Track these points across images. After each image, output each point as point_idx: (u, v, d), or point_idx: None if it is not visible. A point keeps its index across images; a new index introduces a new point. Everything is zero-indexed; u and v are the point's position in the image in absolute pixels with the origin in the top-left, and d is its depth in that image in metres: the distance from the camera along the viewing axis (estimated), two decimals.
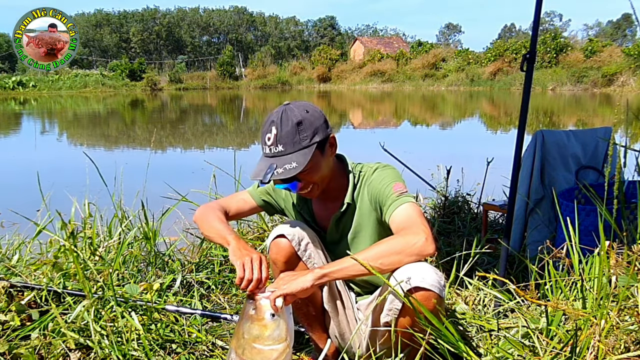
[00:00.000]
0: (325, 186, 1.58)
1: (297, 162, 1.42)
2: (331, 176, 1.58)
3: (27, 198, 3.02)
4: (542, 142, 2.52)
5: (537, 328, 1.49)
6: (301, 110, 1.46)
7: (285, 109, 1.47)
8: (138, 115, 18.85)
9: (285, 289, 1.34)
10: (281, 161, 1.43)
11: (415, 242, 1.35)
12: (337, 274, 1.36)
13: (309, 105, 1.51)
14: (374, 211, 1.57)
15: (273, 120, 1.45)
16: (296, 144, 1.44)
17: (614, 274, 1.36)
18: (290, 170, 1.41)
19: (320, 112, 1.51)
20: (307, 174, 1.48)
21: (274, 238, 1.64)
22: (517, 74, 26.20)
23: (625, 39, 51.93)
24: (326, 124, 1.51)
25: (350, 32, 64.12)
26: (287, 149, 1.44)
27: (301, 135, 1.44)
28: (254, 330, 1.33)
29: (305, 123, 1.45)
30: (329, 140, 1.52)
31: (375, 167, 1.59)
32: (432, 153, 8.11)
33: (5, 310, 1.82)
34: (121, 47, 58.07)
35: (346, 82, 33.43)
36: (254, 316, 1.33)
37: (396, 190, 1.48)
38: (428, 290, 1.37)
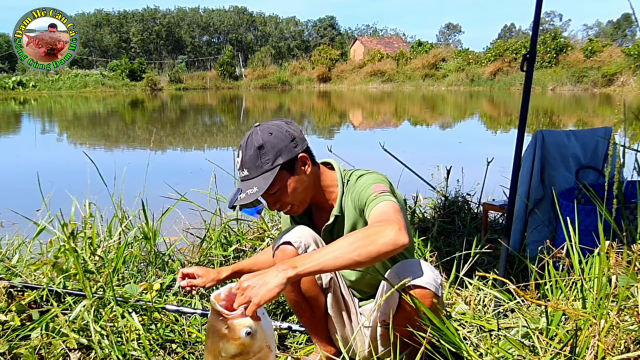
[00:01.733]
0: (312, 200, 1.60)
1: (258, 186, 1.45)
2: (316, 190, 1.59)
3: (27, 198, 3.02)
4: (542, 142, 2.52)
5: (537, 328, 1.49)
6: (265, 134, 1.48)
7: (252, 133, 1.50)
8: (138, 115, 18.85)
9: (258, 299, 1.17)
10: (245, 185, 1.47)
11: (388, 231, 1.26)
12: (310, 269, 1.22)
13: (275, 127, 1.50)
14: (360, 218, 1.55)
15: (241, 145, 1.50)
16: (258, 168, 1.47)
17: (614, 274, 1.36)
18: (251, 195, 1.44)
19: (286, 132, 1.50)
20: (277, 195, 1.52)
21: (279, 244, 1.60)
22: (517, 74, 26.21)
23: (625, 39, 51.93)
24: (294, 143, 1.50)
25: (350, 32, 64.14)
26: (251, 173, 1.48)
27: (263, 159, 1.47)
28: (231, 349, 1.22)
29: (266, 147, 1.47)
30: (298, 160, 1.51)
31: (360, 174, 1.57)
32: (432, 153, 8.12)
33: (5, 310, 1.82)
34: (121, 47, 58.06)
35: (346, 82, 33.42)
36: (229, 335, 1.20)
37: (375, 190, 1.45)
38: (423, 288, 1.38)
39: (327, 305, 1.69)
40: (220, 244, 2.72)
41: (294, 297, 1.67)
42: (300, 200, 1.56)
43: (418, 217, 3.28)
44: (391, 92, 28.18)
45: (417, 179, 3.54)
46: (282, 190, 1.51)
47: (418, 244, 2.70)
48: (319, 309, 1.70)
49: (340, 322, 1.72)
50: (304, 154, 1.53)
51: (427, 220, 3.27)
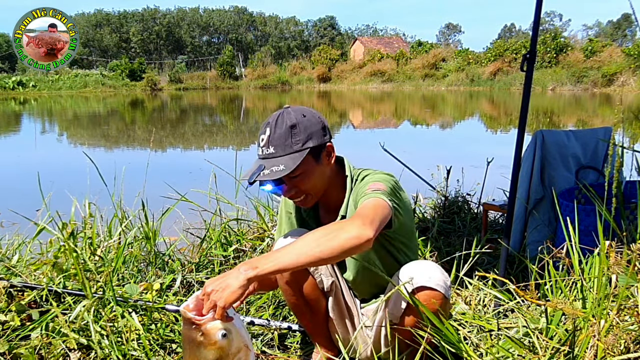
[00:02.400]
0: (323, 196, 1.56)
1: (285, 165, 1.40)
2: (329, 186, 1.55)
3: (27, 198, 3.02)
4: (542, 142, 2.52)
5: (536, 328, 1.49)
6: (298, 114, 1.45)
7: (283, 112, 1.46)
8: (138, 115, 18.85)
9: (223, 302, 1.16)
10: (270, 163, 1.41)
11: (352, 226, 1.23)
12: (271, 268, 1.19)
13: (308, 110, 1.48)
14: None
15: (269, 122, 1.45)
16: (287, 147, 1.42)
17: (613, 272, 1.36)
18: (277, 172, 1.39)
19: (319, 118, 1.48)
20: (297, 180, 1.46)
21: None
22: (517, 74, 26.20)
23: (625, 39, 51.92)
24: (324, 131, 1.48)
25: (350, 32, 64.16)
26: (278, 152, 1.42)
27: (293, 139, 1.42)
28: (210, 355, 1.23)
29: (299, 127, 1.43)
30: (325, 148, 1.49)
31: (366, 174, 1.54)
32: (432, 153, 8.12)
33: (5, 310, 1.82)
34: (121, 47, 58.06)
35: (346, 82, 33.42)
36: (205, 341, 1.21)
37: (370, 188, 1.42)
38: (433, 289, 1.38)
39: (327, 308, 1.68)
40: (220, 244, 2.72)
41: (294, 300, 1.65)
42: (315, 191, 1.52)
43: (418, 217, 3.28)
44: (391, 92, 28.18)
45: (417, 179, 3.54)
46: (303, 175, 1.46)
47: (418, 244, 2.70)
48: (320, 312, 1.69)
49: (341, 324, 1.71)
50: (331, 144, 1.51)
51: (427, 220, 3.27)
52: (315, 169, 1.47)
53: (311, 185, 1.49)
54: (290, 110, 1.46)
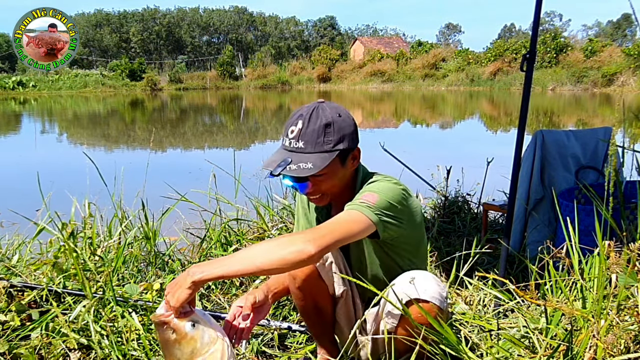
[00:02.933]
0: (338, 196, 1.51)
1: (314, 164, 1.35)
2: (344, 188, 1.51)
3: (27, 198, 3.02)
4: (542, 142, 2.52)
5: (536, 328, 1.49)
6: (333, 113, 1.39)
7: (318, 106, 1.40)
8: (138, 115, 18.85)
9: (174, 302, 1.24)
10: (297, 158, 1.36)
11: (299, 240, 1.23)
12: (216, 274, 1.22)
13: (343, 110, 1.44)
14: None
15: (302, 114, 1.39)
16: (318, 145, 1.36)
17: (613, 272, 1.36)
18: (304, 170, 1.34)
19: (352, 120, 1.44)
20: (319, 180, 1.42)
21: None
22: (517, 74, 26.20)
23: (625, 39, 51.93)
24: (355, 135, 1.44)
25: (350, 32, 64.17)
26: (308, 148, 1.36)
27: (326, 137, 1.37)
28: (186, 348, 1.29)
29: (334, 126, 1.38)
30: (353, 152, 1.45)
31: (373, 180, 1.48)
32: (432, 153, 8.12)
33: (5, 310, 1.82)
34: (121, 47, 58.06)
35: (346, 82, 33.42)
36: (177, 337, 1.28)
37: (362, 198, 1.38)
38: (428, 302, 1.36)
39: (335, 312, 1.67)
40: (220, 244, 2.72)
41: (304, 304, 1.64)
42: (333, 193, 1.48)
43: None
44: (391, 92, 28.18)
45: (417, 179, 3.54)
46: (327, 176, 1.41)
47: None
48: (327, 316, 1.67)
49: (347, 329, 1.68)
50: (359, 149, 1.47)
51: (427, 220, 3.27)
52: (339, 171, 1.43)
53: (331, 186, 1.45)
54: (325, 106, 1.41)
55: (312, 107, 1.39)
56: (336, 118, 1.39)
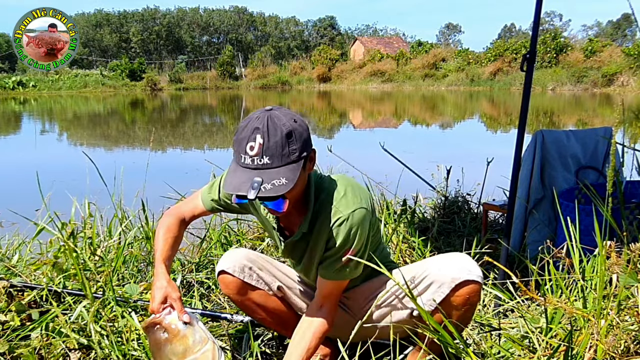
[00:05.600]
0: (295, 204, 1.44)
1: (287, 178, 1.26)
2: (301, 193, 1.44)
3: (27, 198, 3.02)
4: (542, 142, 2.52)
5: (536, 327, 1.49)
6: (289, 120, 1.30)
7: (271, 116, 1.28)
8: (138, 115, 18.85)
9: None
10: (267, 175, 1.25)
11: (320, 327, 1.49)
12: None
13: (295, 114, 1.36)
14: (322, 245, 1.47)
15: (257, 128, 1.27)
16: (284, 157, 1.27)
17: (613, 272, 1.36)
18: (280, 187, 1.25)
19: (306, 123, 1.38)
20: (291, 193, 1.33)
21: (217, 274, 1.67)
22: (517, 74, 26.20)
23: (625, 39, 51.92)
24: (310, 137, 1.37)
25: (350, 32, 64.07)
26: (274, 162, 1.26)
27: (291, 147, 1.28)
28: (178, 347, 1.30)
29: (295, 135, 1.29)
30: (310, 155, 1.37)
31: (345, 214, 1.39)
32: (432, 153, 8.11)
33: (5, 310, 1.82)
34: (121, 47, 58.03)
35: (346, 82, 33.42)
36: (169, 337, 1.31)
37: (347, 259, 1.41)
38: (476, 282, 1.39)
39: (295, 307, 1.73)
40: (220, 244, 2.72)
41: (260, 317, 1.73)
42: (295, 201, 1.40)
43: (418, 217, 3.28)
44: (391, 92, 28.18)
45: (417, 179, 3.54)
46: (296, 186, 1.31)
47: (418, 244, 2.69)
48: (288, 316, 1.73)
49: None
50: (315, 150, 1.40)
51: (427, 220, 3.27)
52: (302, 177, 1.36)
53: (295, 195, 1.37)
54: (278, 114, 1.30)
55: (266, 118, 1.28)
56: (294, 125, 1.30)
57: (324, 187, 1.46)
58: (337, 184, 1.46)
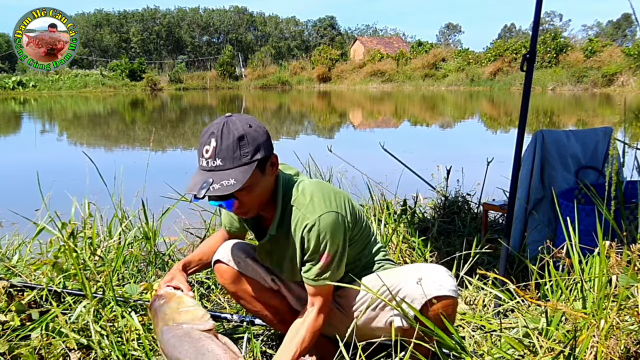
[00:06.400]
0: (265, 206, 1.51)
1: (236, 179, 1.33)
2: (269, 198, 1.49)
3: (27, 198, 3.02)
4: (542, 142, 2.52)
5: (536, 328, 1.49)
6: (244, 124, 1.37)
7: (227, 121, 1.36)
8: (138, 115, 18.85)
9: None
10: (218, 176, 1.33)
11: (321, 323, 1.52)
12: None
13: (253, 120, 1.42)
14: (299, 251, 1.49)
15: (213, 132, 1.35)
16: (236, 159, 1.34)
17: (614, 273, 1.36)
18: (228, 187, 1.32)
19: (264, 129, 1.43)
20: (243, 194, 1.40)
21: (213, 264, 1.72)
22: (517, 74, 26.20)
23: (625, 39, 51.92)
24: (269, 142, 1.43)
25: (350, 32, 64.07)
26: (226, 164, 1.34)
27: (242, 150, 1.35)
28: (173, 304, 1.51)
29: (247, 138, 1.35)
30: (270, 160, 1.43)
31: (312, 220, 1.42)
32: (432, 153, 8.12)
33: (5, 310, 1.82)
34: (121, 47, 58.02)
35: (346, 82, 33.42)
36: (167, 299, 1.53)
37: (323, 262, 1.44)
38: (449, 297, 1.39)
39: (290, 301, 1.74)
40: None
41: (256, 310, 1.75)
42: (257, 204, 1.47)
43: (418, 217, 3.28)
44: (391, 92, 28.18)
45: (417, 179, 3.54)
46: (251, 189, 1.39)
47: (418, 244, 2.70)
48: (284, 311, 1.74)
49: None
50: (276, 155, 1.46)
51: (427, 220, 3.27)
52: (260, 181, 1.41)
53: (254, 197, 1.43)
54: (235, 119, 1.38)
55: (222, 123, 1.36)
56: (247, 129, 1.36)
57: (292, 192, 1.49)
58: (306, 189, 1.48)
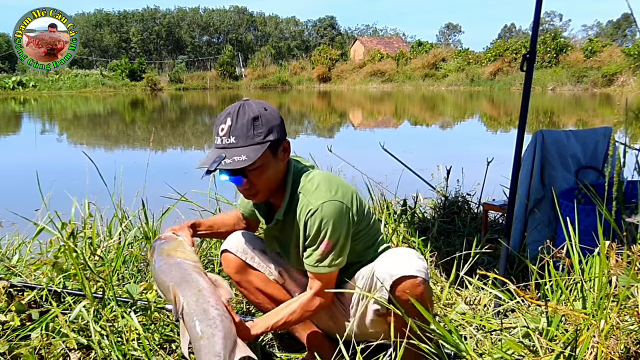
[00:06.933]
0: (274, 193, 1.55)
1: (247, 156, 1.39)
2: (279, 184, 1.53)
3: (27, 198, 3.02)
4: (542, 142, 2.52)
5: (537, 328, 1.49)
6: (259, 107, 1.44)
7: (243, 104, 1.44)
8: (138, 115, 18.85)
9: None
10: (231, 153, 1.40)
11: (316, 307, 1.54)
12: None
13: (268, 105, 1.48)
14: (302, 236, 1.52)
15: (229, 112, 1.43)
16: (249, 138, 1.40)
17: (614, 275, 1.36)
18: (239, 162, 1.38)
19: (278, 114, 1.49)
20: (254, 173, 1.45)
21: (220, 254, 1.76)
22: (517, 74, 26.19)
23: (625, 39, 51.92)
24: (282, 127, 1.48)
25: (350, 32, 64.09)
26: (239, 142, 1.40)
27: (256, 130, 1.41)
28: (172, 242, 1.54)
29: (261, 119, 1.42)
30: (283, 144, 1.48)
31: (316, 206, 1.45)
32: (432, 153, 8.12)
33: (5, 310, 1.82)
34: (121, 47, 58.02)
35: (346, 82, 33.41)
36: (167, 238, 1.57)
37: (323, 249, 1.46)
38: (415, 277, 1.38)
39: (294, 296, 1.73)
40: (220, 244, 2.72)
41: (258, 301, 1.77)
42: (267, 187, 1.50)
43: (418, 217, 3.28)
44: (391, 92, 28.18)
45: (417, 179, 3.54)
46: (261, 169, 1.44)
47: (418, 244, 2.69)
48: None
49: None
50: (288, 141, 1.51)
51: (427, 220, 3.27)
52: (271, 163, 1.46)
53: (264, 179, 1.47)
54: (250, 102, 1.45)
55: (238, 105, 1.44)
56: (262, 111, 1.43)
57: (301, 180, 1.53)
58: (314, 178, 1.52)
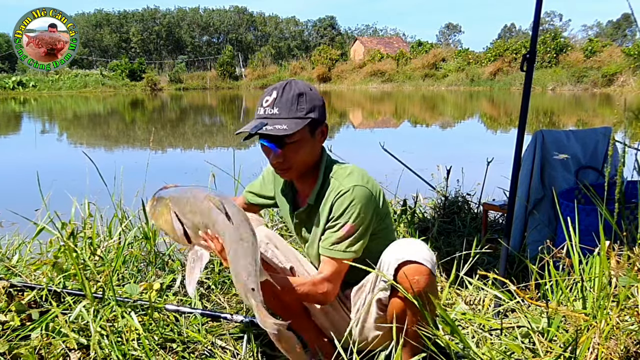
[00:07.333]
0: (303, 172, 1.57)
1: (288, 126, 1.43)
2: (310, 168, 1.57)
3: (27, 198, 3.02)
4: (542, 142, 2.52)
5: (537, 328, 1.49)
6: (305, 86, 1.50)
7: (290, 81, 1.51)
8: (138, 115, 18.84)
9: None
10: (272, 122, 1.44)
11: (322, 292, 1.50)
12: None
13: (313, 86, 1.55)
14: (324, 219, 1.55)
15: (275, 87, 1.50)
16: (292, 111, 1.45)
17: (615, 275, 1.36)
18: (279, 130, 1.41)
19: (322, 97, 1.54)
20: (290, 147, 1.47)
21: None
22: (517, 74, 26.18)
23: (625, 39, 51.92)
24: (324, 109, 1.53)
25: (350, 32, 64.12)
26: (282, 114, 1.45)
27: (299, 105, 1.46)
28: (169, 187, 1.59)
29: (306, 96, 1.47)
30: (322, 126, 1.53)
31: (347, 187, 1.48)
32: (432, 153, 8.12)
33: (5, 310, 1.82)
34: (121, 47, 58.03)
35: (346, 82, 33.41)
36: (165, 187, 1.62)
37: (344, 234, 1.47)
38: (420, 264, 1.37)
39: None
40: None
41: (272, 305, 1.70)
42: (300, 164, 1.52)
43: (418, 217, 3.28)
44: (391, 92, 28.17)
45: (417, 179, 3.54)
46: (298, 144, 1.47)
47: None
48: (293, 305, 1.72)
49: (321, 312, 1.72)
50: (327, 124, 1.56)
51: (427, 220, 3.27)
52: (308, 142, 1.50)
53: (299, 156, 1.50)
54: (297, 81, 1.52)
55: (285, 82, 1.51)
56: (308, 90, 1.50)
57: (334, 167, 1.57)
58: (348, 166, 1.58)
